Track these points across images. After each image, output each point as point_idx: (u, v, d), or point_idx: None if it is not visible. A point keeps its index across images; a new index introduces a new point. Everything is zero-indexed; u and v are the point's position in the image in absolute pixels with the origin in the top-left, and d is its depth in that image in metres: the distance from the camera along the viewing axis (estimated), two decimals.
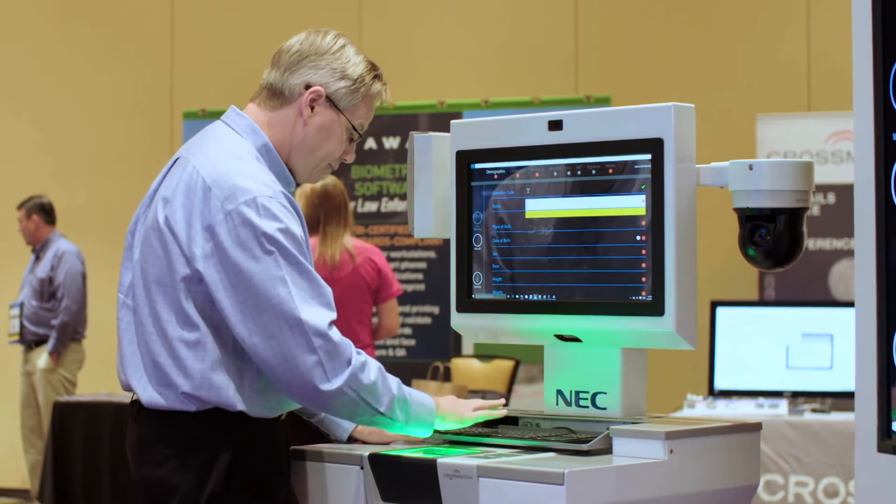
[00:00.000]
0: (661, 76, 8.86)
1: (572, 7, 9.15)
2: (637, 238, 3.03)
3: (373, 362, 2.88)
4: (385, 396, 2.88)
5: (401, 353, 8.63)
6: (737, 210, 3.04)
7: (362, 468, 2.93)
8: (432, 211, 3.31)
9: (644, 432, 2.88)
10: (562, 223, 3.14)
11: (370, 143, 8.68)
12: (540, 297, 3.18)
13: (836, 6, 8.17)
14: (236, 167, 2.87)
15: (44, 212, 9.16)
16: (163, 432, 2.86)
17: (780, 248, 3.01)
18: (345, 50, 3.00)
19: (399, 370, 3.65)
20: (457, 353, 8.35)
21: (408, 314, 8.55)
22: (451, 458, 2.83)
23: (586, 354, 3.15)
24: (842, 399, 6.62)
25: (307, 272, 2.82)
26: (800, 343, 6.78)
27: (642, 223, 3.01)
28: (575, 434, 3.04)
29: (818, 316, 6.89)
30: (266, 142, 2.96)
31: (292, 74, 2.98)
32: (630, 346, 3.11)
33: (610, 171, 3.07)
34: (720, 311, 6.96)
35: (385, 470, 2.91)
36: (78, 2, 10.18)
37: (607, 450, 2.91)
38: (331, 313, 2.83)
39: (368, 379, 2.84)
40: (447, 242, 3.34)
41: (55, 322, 8.95)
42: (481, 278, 3.26)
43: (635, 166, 3.03)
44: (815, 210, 7.95)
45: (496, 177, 3.24)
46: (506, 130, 3.23)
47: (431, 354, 8.37)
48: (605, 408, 3.11)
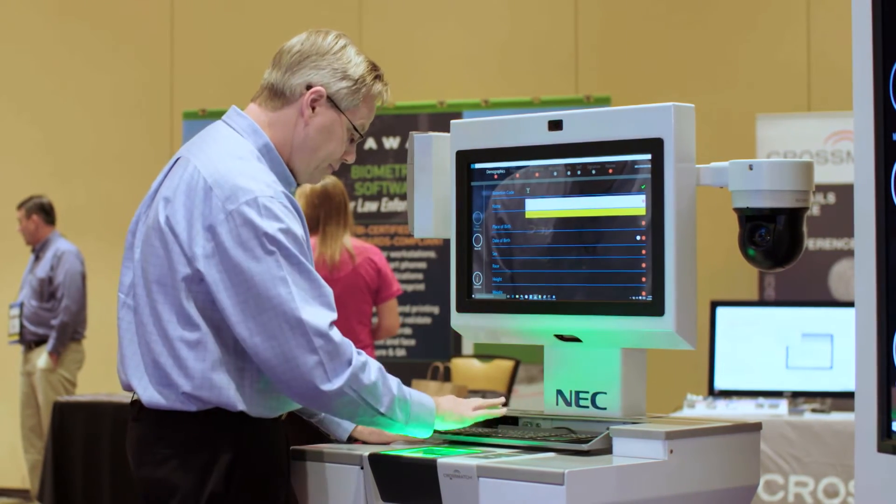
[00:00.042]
0: (661, 76, 8.86)
1: (572, 7, 9.15)
2: (637, 238, 3.03)
3: (373, 363, 2.88)
4: (385, 397, 2.88)
5: (401, 353, 8.63)
6: (737, 210, 3.04)
7: (362, 468, 2.93)
8: (432, 211, 3.31)
9: (644, 432, 2.88)
10: (562, 223, 3.14)
11: (370, 143, 8.68)
12: (540, 297, 3.18)
13: (836, 6, 8.17)
14: (237, 167, 2.87)
15: (43, 212, 9.16)
16: (163, 432, 2.86)
17: (780, 248, 3.01)
18: (346, 50, 3.00)
19: (399, 370, 3.65)
20: (457, 353, 8.35)
21: (408, 314, 8.55)
22: (451, 458, 2.83)
23: (586, 354, 3.15)
24: (842, 399, 6.62)
25: (308, 272, 2.82)
26: (800, 343, 6.78)
27: (642, 223, 3.01)
28: (575, 434, 3.04)
29: (818, 316, 6.89)
30: (267, 142, 2.96)
31: (293, 75, 2.98)
32: (630, 346, 3.11)
33: (610, 171, 3.07)
34: (720, 311, 6.96)
35: (385, 470, 2.91)
36: (78, 2, 10.17)
37: (607, 450, 2.91)
38: (332, 314, 2.83)
39: (369, 379, 2.84)
40: (447, 242, 3.33)
41: (55, 322, 8.95)
42: (481, 278, 3.26)
43: (635, 166, 3.03)
44: (815, 210, 7.95)
45: (496, 177, 3.24)
46: (506, 130, 3.23)
47: (431, 354, 8.37)
48: (605, 408, 3.11)
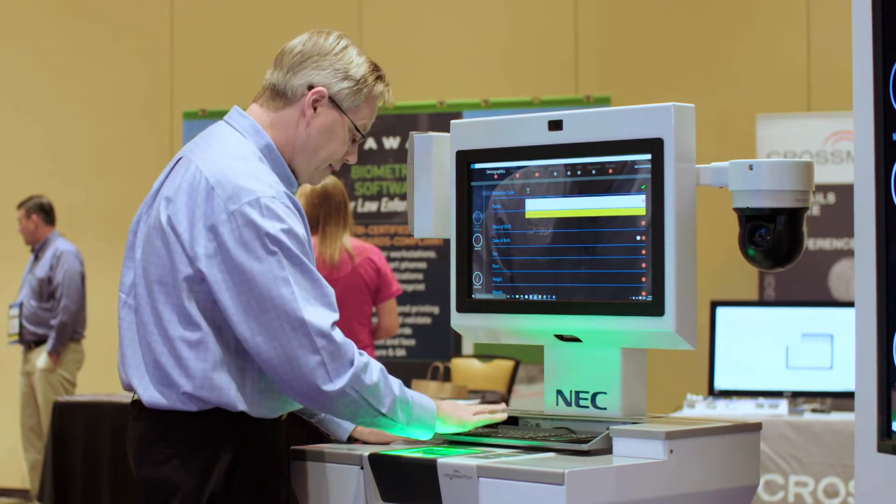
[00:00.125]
0: (661, 76, 8.86)
1: (572, 7, 9.15)
2: (637, 238, 3.03)
3: (375, 363, 2.88)
4: (387, 398, 2.88)
5: (401, 353, 8.63)
6: (737, 210, 3.04)
7: (362, 468, 2.93)
8: (432, 211, 3.31)
9: (644, 432, 2.88)
10: (562, 223, 3.14)
11: (370, 143, 8.68)
12: (540, 297, 3.18)
13: (836, 6, 8.17)
14: (240, 167, 2.87)
15: (43, 212, 9.16)
16: (164, 432, 2.86)
17: (780, 248, 3.00)
18: (347, 51, 3.00)
19: (399, 370, 3.65)
20: (457, 353, 8.35)
21: (408, 314, 8.55)
22: (451, 458, 2.83)
23: (586, 354, 3.14)
24: (842, 399, 6.62)
25: (310, 273, 2.82)
26: (800, 343, 6.77)
27: (642, 223, 3.01)
28: (575, 434, 3.04)
29: (818, 316, 6.89)
30: (269, 142, 2.97)
31: (295, 75, 2.98)
32: (630, 346, 3.10)
33: (610, 171, 3.07)
34: (720, 311, 6.96)
35: (385, 470, 2.91)
36: (78, 1, 10.17)
37: (607, 450, 2.91)
38: (333, 314, 2.83)
39: (371, 380, 2.84)
40: (447, 242, 3.33)
41: (54, 322, 8.95)
42: (481, 278, 3.26)
43: (635, 166, 3.03)
44: (815, 210, 7.95)
45: (496, 177, 3.24)
46: (506, 130, 3.23)
47: (431, 354, 8.37)
48: (605, 408, 3.11)
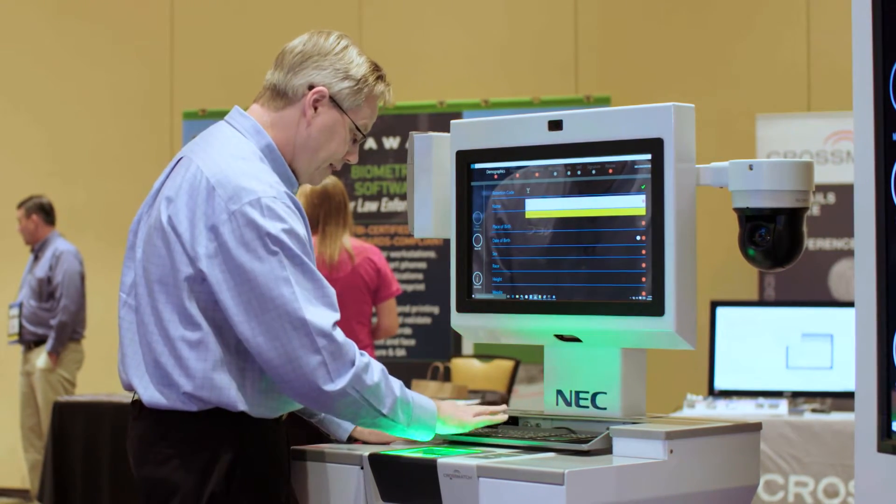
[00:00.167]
0: (661, 76, 8.86)
1: (571, 7, 9.15)
2: (637, 238, 3.03)
3: (376, 364, 2.88)
4: (388, 398, 2.88)
5: (401, 353, 8.63)
6: (737, 210, 3.04)
7: (362, 468, 2.93)
8: (432, 211, 3.31)
9: (644, 432, 2.88)
10: (561, 223, 3.14)
11: (370, 143, 8.68)
12: (540, 297, 3.18)
13: (836, 6, 8.17)
14: (240, 167, 2.87)
15: (43, 211, 9.16)
16: (164, 432, 2.86)
17: (780, 248, 3.00)
18: (348, 51, 3.00)
19: (399, 370, 3.65)
20: (457, 353, 8.35)
21: (408, 314, 8.55)
22: (451, 458, 2.83)
23: (586, 354, 3.14)
24: (842, 399, 6.62)
25: (311, 273, 2.82)
26: (800, 343, 6.77)
27: (642, 223, 3.01)
28: (575, 434, 3.04)
29: (818, 316, 6.89)
30: (269, 142, 2.97)
31: (296, 75, 2.98)
32: (630, 346, 3.10)
33: (610, 171, 3.07)
34: (720, 311, 6.96)
35: (385, 470, 2.91)
36: (78, 1, 10.17)
37: (607, 450, 2.91)
38: (334, 314, 2.83)
39: (372, 380, 2.84)
40: (447, 242, 3.33)
41: (53, 322, 8.95)
42: (481, 278, 3.26)
43: (635, 166, 3.03)
44: (815, 210, 7.95)
45: (496, 177, 3.24)
46: (506, 130, 3.23)
47: (431, 354, 8.37)
48: (605, 408, 3.11)
